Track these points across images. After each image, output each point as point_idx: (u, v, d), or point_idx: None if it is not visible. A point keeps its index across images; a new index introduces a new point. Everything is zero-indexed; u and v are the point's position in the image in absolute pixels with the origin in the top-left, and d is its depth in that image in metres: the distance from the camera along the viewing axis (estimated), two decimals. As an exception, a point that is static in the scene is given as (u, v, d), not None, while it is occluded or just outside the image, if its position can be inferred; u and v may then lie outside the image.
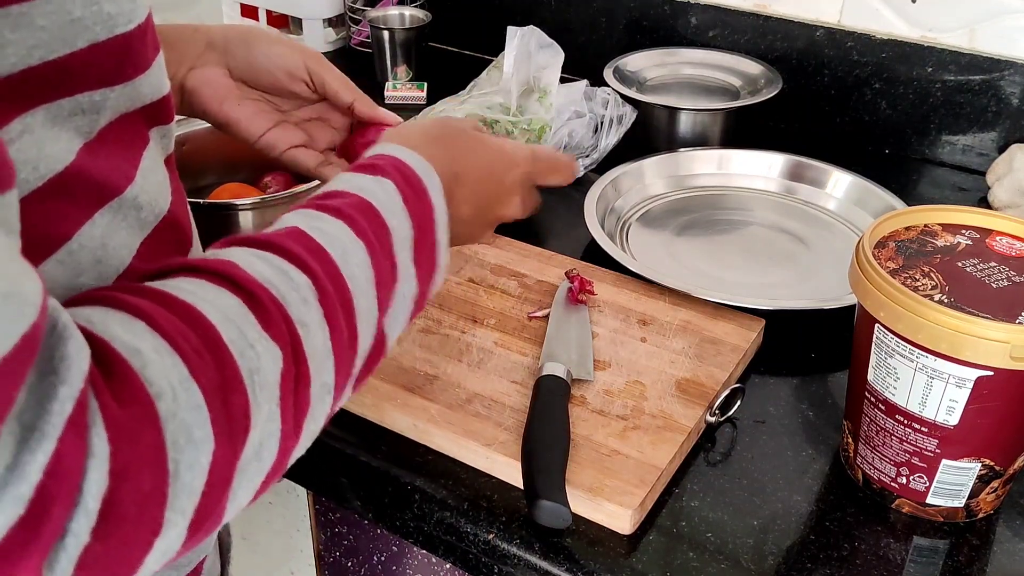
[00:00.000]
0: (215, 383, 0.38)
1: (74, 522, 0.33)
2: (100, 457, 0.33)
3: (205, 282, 0.42)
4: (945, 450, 0.64)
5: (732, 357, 0.78)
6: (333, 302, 0.46)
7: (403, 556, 0.80)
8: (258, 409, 0.40)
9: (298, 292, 0.44)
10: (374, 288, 0.49)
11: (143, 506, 0.35)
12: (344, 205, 0.50)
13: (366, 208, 0.51)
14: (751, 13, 1.23)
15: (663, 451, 0.69)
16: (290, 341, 0.43)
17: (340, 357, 0.46)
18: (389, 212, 0.51)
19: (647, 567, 0.63)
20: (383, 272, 0.50)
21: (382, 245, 0.50)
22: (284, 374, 0.42)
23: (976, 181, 1.13)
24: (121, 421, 0.35)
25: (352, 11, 1.43)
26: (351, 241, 0.48)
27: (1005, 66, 1.10)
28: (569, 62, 1.06)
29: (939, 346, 0.59)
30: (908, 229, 0.69)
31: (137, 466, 0.35)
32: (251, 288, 0.42)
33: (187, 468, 0.37)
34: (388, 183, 0.53)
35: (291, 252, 0.45)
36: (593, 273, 0.89)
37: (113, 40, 0.44)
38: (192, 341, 0.39)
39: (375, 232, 0.50)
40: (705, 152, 1.12)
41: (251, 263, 0.44)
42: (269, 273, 0.43)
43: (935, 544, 0.66)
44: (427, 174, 0.55)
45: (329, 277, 0.46)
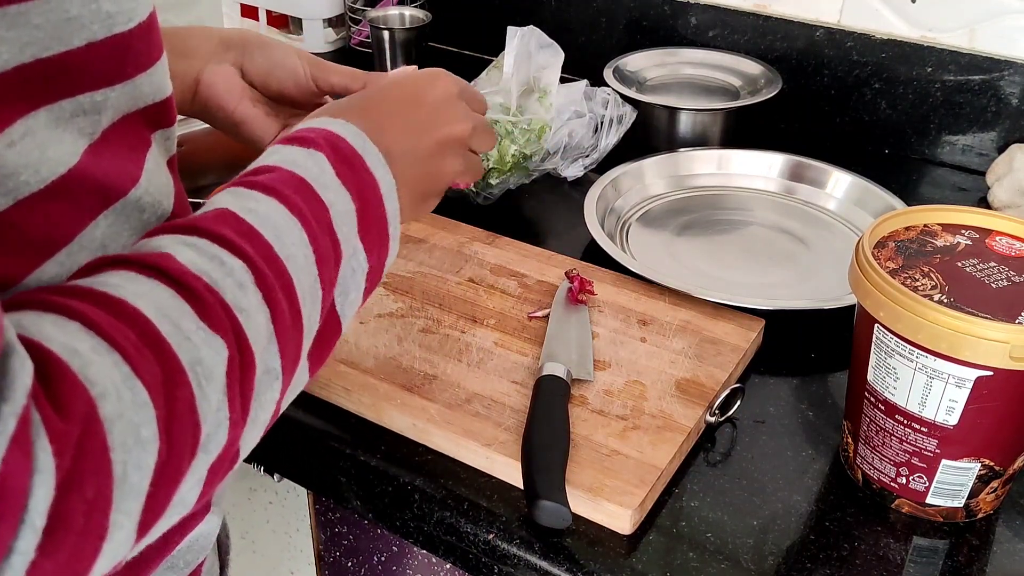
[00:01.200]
0: (158, 379, 0.37)
1: (20, 540, 0.32)
2: (46, 472, 0.32)
3: (135, 275, 0.40)
4: (945, 450, 0.64)
5: (732, 357, 0.78)
6: (271, 284, 0.44)
7: (403, 556, 0.80)
8: (205, 401, 0.39)
9: (232, 277, 0.42)
10: (315, 266, 0.47)
11: (89, 514, 0.34)
12: (274, 181, 0.48)
13: (298, 183, 0.49)
14: (751, 13, 1.23)
15: (663, 451, 0.69)
16: (231, 328, 0.41)
17: (284, 340, 0.45)
18: (323, 186, 0.49)
19: (647, 567, 0.63)
20: (323, 249, 0.48)
21: (319, 221, 0.48)
22: (229, 362, 0.41)
23: (976, 181, 1.13)
24: (64, 432, 0.33)
25: (352, 11, 1.43)
26: (285, 219, 0.46)
27: (1005, 66, 1.10)
28: (569, 62, 1.06)
29: (939, 346, 0.59)
30: (908, 229, 0.69)
31: (81, 475, 0.34)
32: (183, 279, 0.41)
33: (134, 469, 0.36)
34: (319, 155, 0.50)
35: (222, 236, 0.44)
36: (593, 273, 0.89)
37: (111, 39, 0.44)
38: (130, 338, 0.37)
39: (310, 208, 0.48)
40: (705, 152, 1.12)
41: (181, 251, 0.42)
42: (200, 261, 0.42)
43: (935, 544, 0.66)
44: (361, 144, 0.53)
45: (264, 259, 0.44)
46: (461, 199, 1.02)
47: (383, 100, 0.60)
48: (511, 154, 1.00)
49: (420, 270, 0.89)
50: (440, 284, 0.87)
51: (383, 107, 0.59)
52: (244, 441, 0.44)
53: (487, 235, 0.95)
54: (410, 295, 0.86)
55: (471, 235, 0.95)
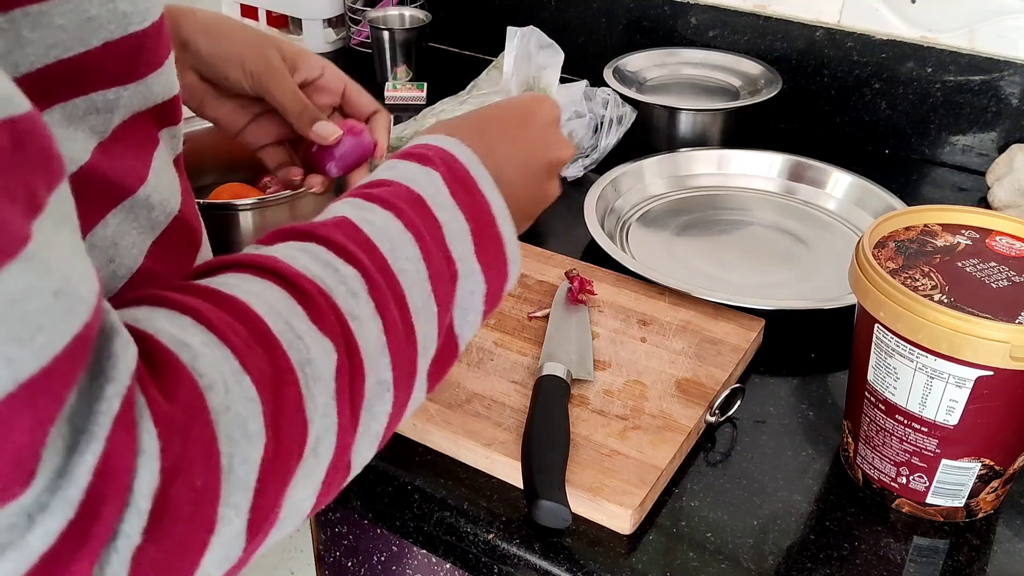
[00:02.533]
0: (267, 375, 0.37)
1: (125, 523, 0.32)
2: (150, 454, 0.33)
3: (250, 276, 0.41)
4: (945, 450, 0.64)
5: (732, 357, 0.78)
6: (384, 295, 0.44)
7: (403, 556, 0.80)
8: (312, 402, 0.39)
9: (346, 285, 0.43)
10: (428, 282, 0.47)
11: (196, 503, 0.34)
12: (392, 195, 0.48)
13: (414, 200, 0.49)
14: (751, 13, 1.23)
15: (663, 451, 0.69)
16: (341, 334, 0.41)
17: (396, 352, 0.45)
18: (437, 205, 0.50)
19: (647, 567, 0.63)
20: (437, 266, 0.48)
21: (433, 238, 0.48)
22: (339, 367, 0.41)
23: (976, 181, 1.13)
24: (170, 416, 0.34)
25: (352, 11, 1.43)
26: (400, 233, 0.47)
27: (1005, 66, 1.10)
28: (569, 62, 1.06)
29: (939, 346, 0.59)
30: (908, 229, 0.69)
31: (189, 461, 0.34)
32: (297, 281, 0.41)
33: (241, 462, 0.36)
34: (435, 174, 0.51)
35: (337, 244, 0.44)
36: (593, 273, 0.89)
37: (127, 38, 0.44)
38: (241, 334, 0.38)
39: (425, 225, 0.48)
40: (705, 152, 1.12)
41: (295, 257, 0.43)
42: (315, 266, 0.42)
43: (935, 544, 0.66)
44: (476, 168, 0.53)
45: (379, 270, 0.44)
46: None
47: (496, 120, 0.60)
48: (511, 154, 1.00)
49: (420, 270, 0.89)
50: (440, 284, 0.87)
51: (496, 127, 0.59)
52: (356, 451, 0.44)
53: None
54: (410, 295, 0.86)
55: (471, 235, 0.95)
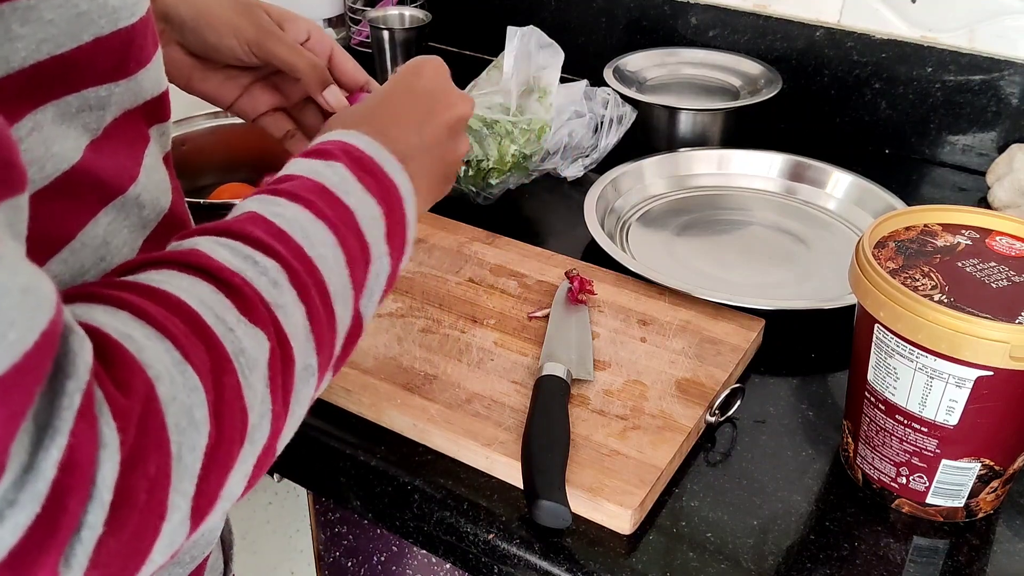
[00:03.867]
0: (207, 366, 0.38)
1: (89, 514, 0.33)
2: (111, 447, 0.34)
3: (176, 272, 0.41)
4: (945, 450, 0.64)
5: (732, 357, 0.78)
6: (305, 283, 0.45)
7: (403, 556, 0.80)
8: (251, 391, 0.41)
9: (267, 276, 0.43)
10: (345, 267, 0.48)
11: (151, 491, 0.35)
12: (297, 188, 0.49)
13: (320, 190, 0.49)
14: (751, 13, 1.23)
15: (663, 451, 0.69)
16: (271, 323, 0.42)
17: (320, 338, 0.46)
18: (345, 192, 0.50)
19: (647, 567, 0.63)
20: (352, 251, 0.49)
21: (345, 225, 0.49)
22: (271, 356, 0.42)
23: (976, 181, 1.13)
24: (126, 408, 0.35)
25: (352, 11, 1.43)
26: (311, 222, 0.47)
27: (1005, 66, 1.10)
28: (569, 62, 1.06)
29: (939, 346, 0.59)
30: (908, 229, 0.69)
31: (144, 451, 0.35)
32: (221, 275, 0.42)
33: (188, 450, 0.37)
34: (338, 165, 0.51)
35: (253, 237, 0.44)
36: (593, 273, 0.89)
37: (116, 34, 0.44)
38: (179, 326, 0.38)
39: (335, 213, 0.49)
40: (705, 152, 1.12)
41: (216, 250, 0.43)
42: (235, 260, 0.43)
43: (935, 544, 0.66)
44: (377, 152, 0.54)
45: (296, 259, 0.45)
46: (461, 199, 1.02)
47: (384, 103, 0.61)
48: (511, 154, 1.00)
49: (420, 270, 0.89)
50: (440, 284, 0.87)
51: (385, 110, 0.60)
52: (283, 437, 0.45)
53: (487, 235, 0.95)
54: (410, 295, 0.86)
55: (471, 235, 0.95)
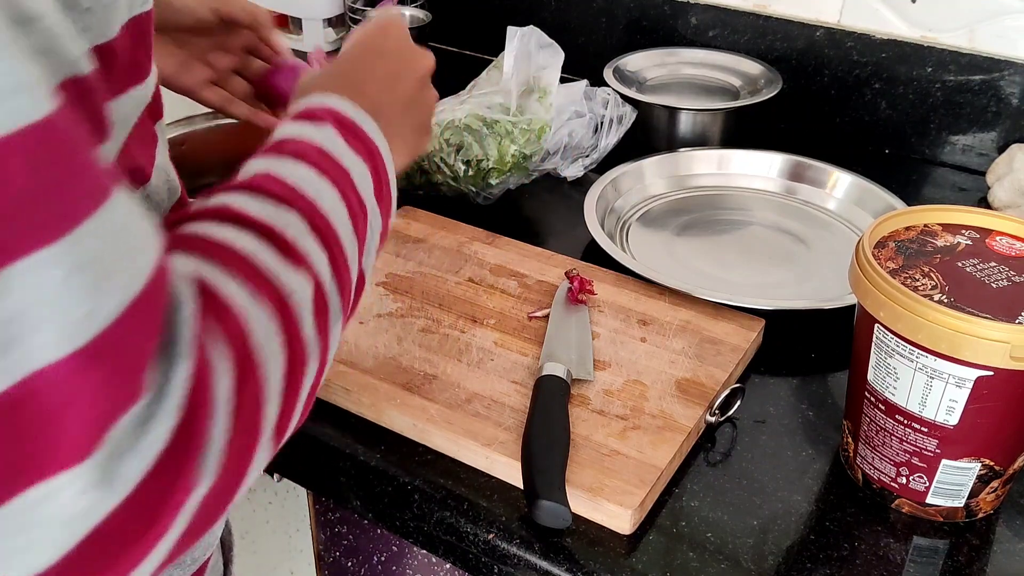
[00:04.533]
0: (272, 301, 0.42)
1: (214, 427, 0.36)
2: (223, 367, 0.37)
3: (215, 223, 0.43)
4: (945, 450, 0.64)
5: (732, 357, 0.78)
6: (324, 234, 0.47)
7: (403, 556, 0.80)
8: (305, 325, 0.44)
9: (294, 227, 0.46)
10: (350, 222, 0.50)
11: (253, 409, 0.39)
12: (299, 149, 0.51)
13: (319, 151, 0.51)
14: (751, 13, 1.23)
15: (663, 451, 0.69)
16: (307, 267, 0.45)
17: (342, 282, 0.48)
18: (339, 154, 0.52)
19: (647, 567, 0.63)
20: (353, 208, 0.51)
21: (345, 184, 0.51)
22: (315, 295, 0.45)
23: (976, 181, 1.13)
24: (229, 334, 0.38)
25: (352, 11, 1.43)
26: (318, 180, 0.49)
27: (1005, 66, 1.10)
28: (569, 62, 1.06)
29: (939, 346, 0.59)
30: (908, 229, 0.69)
31: (246, 373, 0.38)
32: (257, 224, 0.44)
33: (273, 371, 0.40)
34: (328, 128, 0.53)
35: (272, 192, 0.47)
36: (593, 273, 0.89)
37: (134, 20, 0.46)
38: (241, 267, 0.41)
39: (336, 173, 0.51)
40: (705, 152, 1.12)
41: (246, 204, 0.45)
42: (264, 211, 0.45)
43: (935, 544, 0.66)
44: (357, 115, 0.56)
45: (312, 213, 0.47)
46: (461, 199, 1.02)
47: (353, 65, 0.64)
48: (511, 154, 1.00)
49: (420, 270, 0.89)
50: (440, 284, 0.87)
51: (356, 72, 0.63)
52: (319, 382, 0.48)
53: (487, 235, 0.95)
54: (410, 295, 0.86)
55: (471, 235, 0.95)
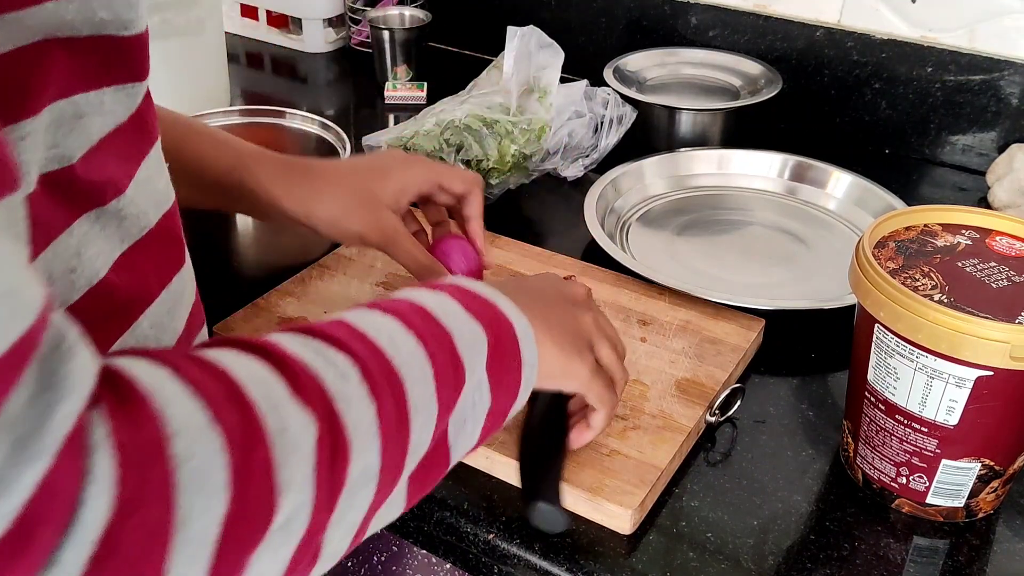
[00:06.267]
0: (237, 434, 0.36)
1: (66, 551, 0.30)
2: (102, 483, 0.31)
3: (236, 352, 0.40)
4: (945, 450, 0.64)
5: (732, 357, 0.78)
6: (379, 382, 0.43)
7: (403, 556, 0.80)
8: (286, 471, 0.38)
9: (335, 368, 0.42)
10: (433, 381, 0.46)
11: (147, 545, 0.32)
12: (393, 305, 0.49)
13: (418, 310, 0.49)
14: (751, 13, 1.23)
15: (663, 451, 0.69)
16: (324, 408, 0.40)
17: (387, 440, 0.43)
18: (445, 314, 0.50)
19: (647, 567, 0.63)
20: (443, 368, 0.47)
21: (438, 342, 0.48)
22: (319, 441, 0.39)
23: (976, 181, 1.13)
24: (131, 448, 0.32)
25: (352, 11, 1.43)
26: (399, 332, 0.46)
27: (1005, 66, 1.10)
28: (569, 62, 1.06)
29: (939, 346, 0.59)
30: (908, 229, 0.69)
31: (144, 501, 0.32)
32: (282, 358, 0.41)
33: (200, 514, 0.34)
34: (444, 295, 0.51)
35: (331, 336, 0.44)
36: (593, 273, 0.89)
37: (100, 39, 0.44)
38: (217, 392, 0.37)
39: (429, 330, 0.48)
40: (705, 152, 1.12)
41: (286, 342, 0.42)
42: (303, 350, 0.42)
43: (935, 544, 0.66)
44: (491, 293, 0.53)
45: (373, 359, 0.44)
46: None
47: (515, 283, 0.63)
48: (511, 154, 1.00)
49: (420, 270, 0.89)
50: (440, 284, 0.87)
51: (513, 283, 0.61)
52: (329, 537, 0.42)
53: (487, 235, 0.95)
54: (410, 295, 0.86)
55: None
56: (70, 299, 0.45)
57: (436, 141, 1.00)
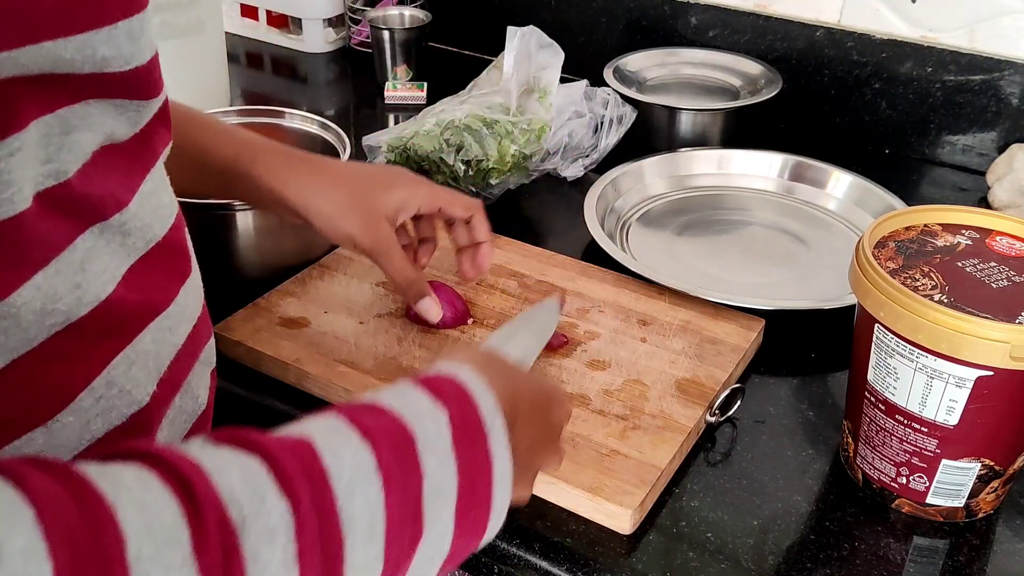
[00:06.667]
0: None
1: None
2: None
3: (155, 480, 0.35)
4: (945, 450, 0.64)
5: (732, 357, 0.78)
6: (312, 542, 0.37)
7: (403, 556, 0.80)
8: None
9: (265, 519, 0.36)
10: (382, 537, 0.40)
11: None
12: (378, 427, 0.43)
13: (404, 440, 0.43)
14: (751, 13, 1.23)
15: (663, 451, 0.69)
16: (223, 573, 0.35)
17: None
18: (429, 451, 0.44)
19: (647, 567, 0.63)
20: (400, 523, 0.42)
21: (406, 489, 0.42)
22: None
23: (976, 181, 1.13)
24: None
25: (352, 11, 1.43)
26: (364, 475, 0.40)
27: (1005, 66, 1.10)
28: (569, 62, 1.06)
29: (939, 346, 0.59)
30: (908, 229, 0.69)
31: None
32: (203, 502, 0.35)
33: None
34: (443, 419, 0.45)
35: (283, 470, 0.38)
36: (593, 273, 0.89)
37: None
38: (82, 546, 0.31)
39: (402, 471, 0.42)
40: (705, 152, 1.12)
41: (226, 472, 0.36)
42: (241, 489, 0.36)
43: (935, 544, 0.66)
44: (491, 420, 0.47)
45: (318, 511, 0.38)
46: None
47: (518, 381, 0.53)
48: (511, 154, 1.00)
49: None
50: (440, 284, 0.87)
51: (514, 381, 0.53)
52: None
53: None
54: (410, 295, 0.86)
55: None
56: (77, 315, 0.45)
57: (436, 141, 1.00)
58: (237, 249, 0.87)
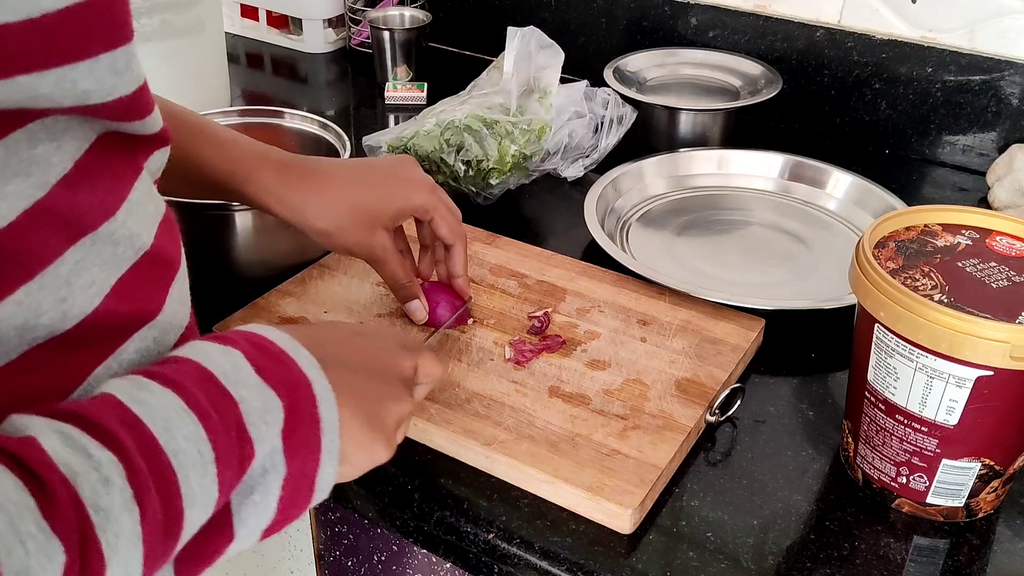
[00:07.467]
0: None
1: None
2: None
3: None
4: (945, 450, 0.64)
5: (732, 357, 0.78)
6: (144, 481, 0.40)
7: (403, 556, 0.80)
8: None
9: (98, 472, 0.38)
10: (213, 464, 0.43)
11: None
12: (176, 373, 0.45)
13: (204, 377, 0.45)
14: (751, 13, 1.23)
15: (663, 451, 0.69)
16: (78, 530, 0.37)
17: (152, 543, 0.40)
18: (234, 383, 0.46)
19: (647, 567, 0.63)
20: (227, 448, 0.44)
21: (223, 417, 0.44)
22: (66, 570, 0.36)
23: (976, 181, 1.13)
24: None
25: (352, 11, 1.43)
26: (177, 413, 0.43)
27: (1005, 66, 1.10)
28: (569, 62, 1.06)
29: (939, 346, 0.59)
30: (908, 229, 0.69)
31: None
32: (38, 469, 0.37)
33: None
34: (236, 353, 0.47)
35: (99, 425, 0.40)
36: (593, 273, 0.89)
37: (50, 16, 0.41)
38: None
39: (213, 404, 0.44)
40: (705, 152, 1.12)
41: (47, 437, 0.39)
42: (65, 451, 0.38)
43: (935, 544, 0.66)
44: (291, 346, 0.49)
45: (144, 453, 0.40)
46: (461, 199, 1.02)
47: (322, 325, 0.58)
48: (511, 154, 1.00)
49: (420, 270, 0.89)
50: (440, 284, 0.87)
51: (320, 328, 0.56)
52: None
53: (487, 235, 0.95)
54: (410, 295, 0.86)
55: (471, 235, 0.95)
56: (61, 329, 0.44)
57: (436, 141, 1.00)
58: (236, 249, 0.87)
